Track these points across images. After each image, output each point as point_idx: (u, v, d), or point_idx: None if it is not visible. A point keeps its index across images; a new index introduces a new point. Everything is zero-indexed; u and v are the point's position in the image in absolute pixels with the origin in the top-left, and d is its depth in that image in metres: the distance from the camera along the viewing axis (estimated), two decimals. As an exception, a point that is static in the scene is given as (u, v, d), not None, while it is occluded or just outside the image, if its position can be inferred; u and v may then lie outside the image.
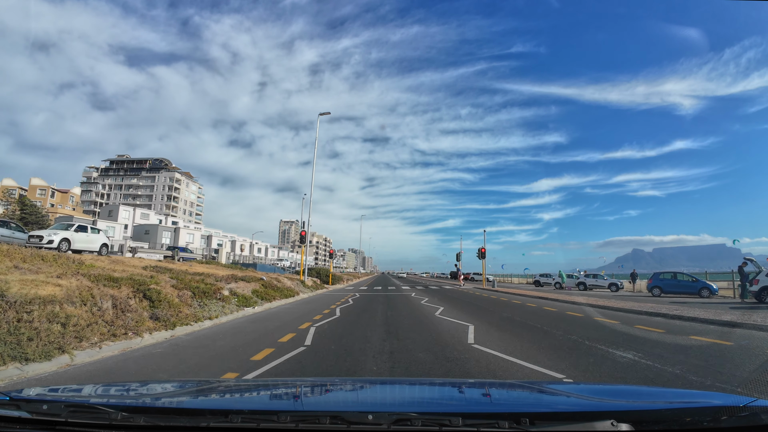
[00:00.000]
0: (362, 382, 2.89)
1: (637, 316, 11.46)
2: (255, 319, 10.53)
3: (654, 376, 4.71)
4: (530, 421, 1.24)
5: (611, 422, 1.23)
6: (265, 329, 8.71)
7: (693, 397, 1.99)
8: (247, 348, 6.64)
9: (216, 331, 8.57)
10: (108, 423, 1.33)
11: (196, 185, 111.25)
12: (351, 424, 1.27)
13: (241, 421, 1.30)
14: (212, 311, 10.07)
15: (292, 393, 2.21)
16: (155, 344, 7.01)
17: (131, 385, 2.21)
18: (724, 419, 1.27)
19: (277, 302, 14.80)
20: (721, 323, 9.37)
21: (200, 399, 1.92)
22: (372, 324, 9.42)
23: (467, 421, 1.26)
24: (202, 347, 6.78)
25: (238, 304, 11.79)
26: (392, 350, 6.37)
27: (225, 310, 10.66)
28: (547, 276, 41.46)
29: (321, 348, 6.62)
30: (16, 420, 1.37)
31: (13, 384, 4.46)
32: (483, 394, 2.14)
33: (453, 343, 7.07)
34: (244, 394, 2.15)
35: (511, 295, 21.64)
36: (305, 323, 9.47)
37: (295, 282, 21.79)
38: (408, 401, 2.04)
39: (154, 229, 55.45)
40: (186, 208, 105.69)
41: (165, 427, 1.34)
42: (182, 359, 5.84)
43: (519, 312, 12.54)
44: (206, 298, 10.74)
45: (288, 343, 7.09)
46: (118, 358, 5.96)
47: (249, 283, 15.23)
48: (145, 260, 18.55)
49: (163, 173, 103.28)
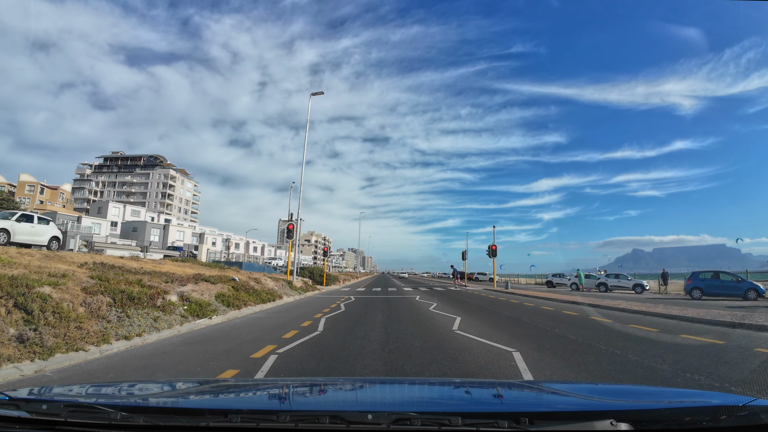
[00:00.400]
0: (362, 382, 2.83)
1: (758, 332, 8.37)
2: (200, 337, 7.43)
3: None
4: (530, 420, 1.22)
5: (611, 422, 1.21)
6: (199, 356, 5.64)
7: (692, 396, 1.93)
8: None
9: (122, 360, 5.51)
10: (107, 423, 1.32)
11: (191, 183, 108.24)
12: (350, 424, 1.26)
13: (241, 421, 1.29)
14: (136, 326, 7.00)
15: (291, 392, 2.12)
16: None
17: (131, 385, 2.17)
18: (723, 419, 1.25)
19: (249, 309, 11.72)
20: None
21: (200, 398, 1.88)
22: (366, 347, 6.33)
23: (467, 420, 1.25)
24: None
25: (187, 313, 8.72)
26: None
27: (159, 323, 7.58)
28: (560, 276, 38.15)
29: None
30: (16, 420, 1.36)
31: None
32: (482, 394, 2.15)
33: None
34: (244, 393, 2.09)
35: (536, 299, 18.50)
36: (266, 347, 6.37)
37: (280, 283, 18.71)
38: (407, 401, 2.00)
39: (142, 226, 52.49)
40: (181, 206, 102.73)
41: (164, 426, 1.32)
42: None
43: (578, 328, 9.42)
44: (135, 307, 7.67)
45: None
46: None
47: (215, 284, 12.16)
48: (100, 256, 15.48)
49: (157, 170, 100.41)
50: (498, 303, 16.17)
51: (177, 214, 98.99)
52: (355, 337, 7.34)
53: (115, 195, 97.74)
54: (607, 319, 10.47)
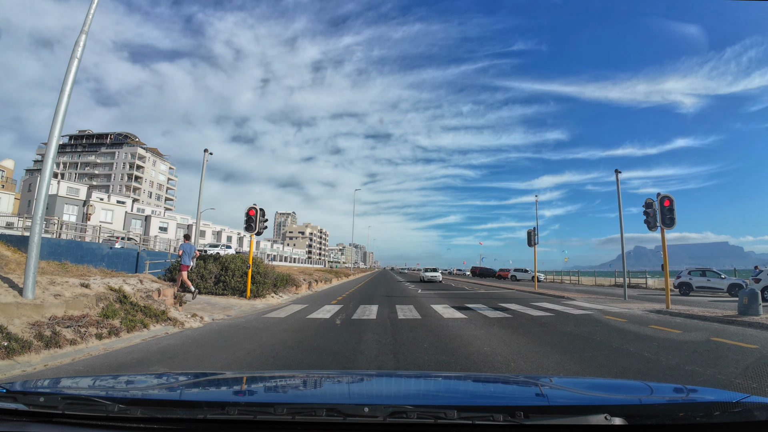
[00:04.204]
0: (359, 375, 2.83)
1: None
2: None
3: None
4: (524, 414, 1.21)
5: (605, 416, 1.19)
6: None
7: (687, 392, 1.84)
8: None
9: None
10: (105, 415, 1.30)
11: (165, 165, 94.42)
12: (347, 416, 1.24)
13: (238, 413, 1.28)
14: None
15: (288, 385, 2.16)
16: None
17: (128, 377, 2.21)
18: (717, 414, 1.24)
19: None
20: None
21: (197, 391, 1.89)
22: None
23: (462, 413, 1.23)
24: None
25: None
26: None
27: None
28: (709, 275, 21.08)
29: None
30: (13, 412, 1.34)
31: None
32: (478, 388, 2.15)
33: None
34: (241, 386, 2.06)
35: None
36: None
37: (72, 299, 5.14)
38: (404, 394, 2.01)
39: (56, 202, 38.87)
40: (152, 190, 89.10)
41: (162, 418, 1.30)
42: None
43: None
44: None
45: None
46: None
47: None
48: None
49: (124, 149, 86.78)
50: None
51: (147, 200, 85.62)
52: None
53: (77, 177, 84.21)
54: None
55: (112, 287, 7.64)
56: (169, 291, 8.59)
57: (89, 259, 14.12)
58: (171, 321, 7.52)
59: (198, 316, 8.37)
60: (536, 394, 1.86)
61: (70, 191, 53.70)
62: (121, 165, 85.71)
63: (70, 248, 14.67)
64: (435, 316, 9.79)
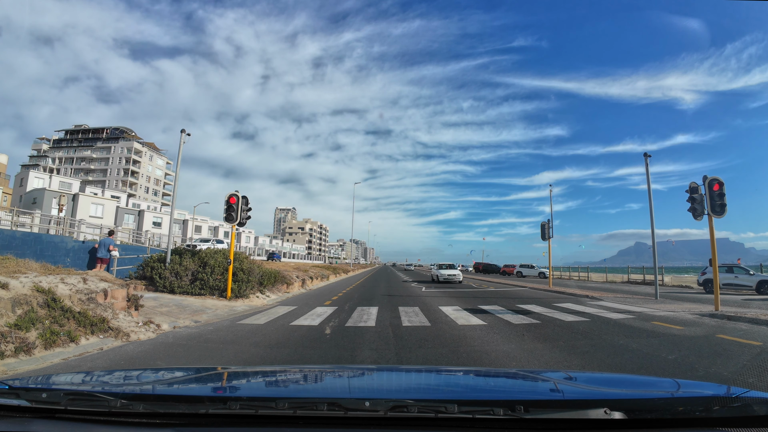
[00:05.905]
0: (360, 370, 2.81)
1: None
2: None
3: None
4: (525, 408, 1.21)
5: (604, 410, 1.20)
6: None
7: (687, 387, 1.82)
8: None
9: None
10: (107, 410, 1.31)
11: (163, 159, 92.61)
12: (348, 411, 1.25)
13: (240, 408, 1.27)
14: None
15: (290, 380, 2.15)
16: None
17: (131, 373, 2.17)
18: (716, 409, 1.25)
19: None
20: None
21: (199, 386, 1.85)
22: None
23: (462, 407, 1.24)
24: None
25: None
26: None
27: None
28: (737, 271, 19.18)
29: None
30: (16, 408, 1.34)
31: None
32: (479, 382, 2.16)
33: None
34: (243, 381, 2.07)
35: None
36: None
37: None
38: (405, 388, 1.99)
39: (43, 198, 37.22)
40: (149, 185, 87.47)
41: (164, 414, 1.31)
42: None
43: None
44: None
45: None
46: None
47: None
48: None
49: (120, 143, 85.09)
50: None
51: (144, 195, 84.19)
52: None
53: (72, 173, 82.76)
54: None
55: (40, 288, 6.01)
56: (120, 292, 6.94)
57: (51, 253, 12.46)
58: (113, 331, 5.88)
59: (154, 324, 6.73)
60: (536, 387, 1.86)
61: (63, 186, 52.03)
62: (117, 160, 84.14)
63: (26, 241, 12.98)
64: (447, 322, 8.12)
